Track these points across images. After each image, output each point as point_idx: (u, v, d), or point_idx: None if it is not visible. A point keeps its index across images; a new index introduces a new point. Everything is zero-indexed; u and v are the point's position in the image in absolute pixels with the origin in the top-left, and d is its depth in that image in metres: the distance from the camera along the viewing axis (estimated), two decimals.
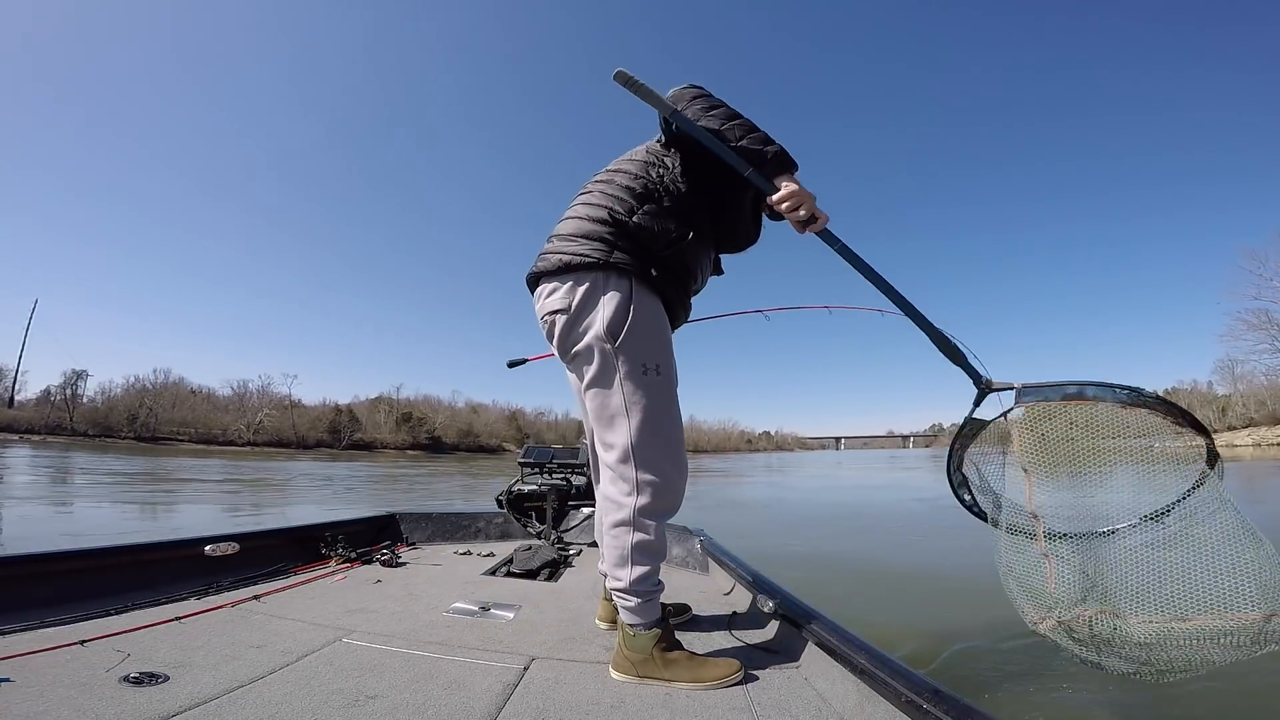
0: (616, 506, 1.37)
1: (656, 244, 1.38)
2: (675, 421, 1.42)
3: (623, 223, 1.37)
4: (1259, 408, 53.35)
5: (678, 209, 1.41)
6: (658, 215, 1.39)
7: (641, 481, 1.35)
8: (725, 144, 1.34)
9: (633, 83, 1.35)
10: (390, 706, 1.14)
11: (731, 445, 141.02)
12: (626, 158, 1.51)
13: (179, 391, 71.93)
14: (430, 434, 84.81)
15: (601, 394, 1.37)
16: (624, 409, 1.34)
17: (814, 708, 1.18)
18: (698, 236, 1.43)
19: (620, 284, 1.36)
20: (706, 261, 1.56)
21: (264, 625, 1.63)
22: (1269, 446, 37.89)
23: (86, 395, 66.88)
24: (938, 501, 9.30)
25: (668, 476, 1.37)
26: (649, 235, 1.37)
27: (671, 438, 1.40)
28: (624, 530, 1.35)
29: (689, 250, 1.43)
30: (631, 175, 1.43)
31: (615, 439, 1.36)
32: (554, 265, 1.38)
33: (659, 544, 1.38)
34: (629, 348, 1.34)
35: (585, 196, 1.47)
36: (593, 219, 1.40)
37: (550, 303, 1.40)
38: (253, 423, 71.40)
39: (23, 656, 1.30)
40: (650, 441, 1.35)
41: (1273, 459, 22.83)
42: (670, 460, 1.38)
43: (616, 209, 1.38)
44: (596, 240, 1.37)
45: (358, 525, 2.88)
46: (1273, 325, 49.70)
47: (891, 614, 3.14)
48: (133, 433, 61.43)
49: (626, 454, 1.35)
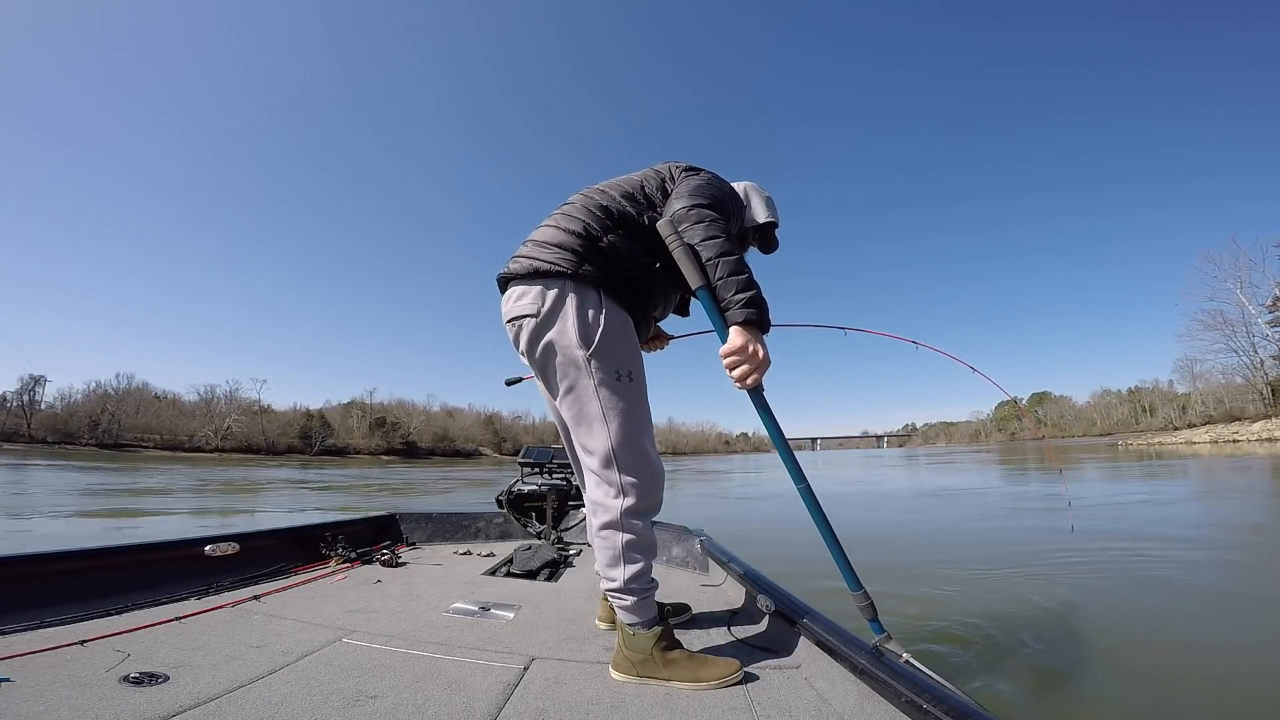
0: (603, 509, 1.39)
1: (625, 264, 1.42)
2: (649, 427, 1.45)
3: (595, 238, 1.41)
4: (1217, 405, 55.06)
5: (650, 242, 1.45)
6: (630, 240, 1.43)
7: (626, 484, 1.37)
8: (704, 274, 1.31)
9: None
10: (390, 706, 1.14)
11: (709, 447, 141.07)
12: (619, 182, 1.54)
13: (143, 397, 71.46)
14: (405, 438, 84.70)
15: (578, 401, 1.38)
16: (602, 415, 1.37)
17: (814, 708, 1.18)
18: (665, 268, 1.47)
19: (588, 294, 1.38)
20: (672, 296, 1.60)
21: (264, 625, 1.63)
22: (1225, 443, 38.48)
23: (45, 401, 66.57)
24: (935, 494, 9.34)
25: (649, 477, 1.40)
26: (619, 255, 1.41)
27: (647, 442, 1.43)
28: (613, 531, 1.38)
29: (655, 277, 1.47)
30: (615, 199, 1.47)
31: (595, 444, 1.38)
32: (525, 269, 1.40)
33: (648, 540, 1.41)
34: (602, 354, 1.36)
35: (566, 208, 1.49)
36: (569, 230, 1.42)
37: (519, 306, 1.41)
38: (220, 428, 71.29)
39: (23, 656, 1.30)
40: (630, 445, 1.38)
41: (1229, 455, 23.06)
42: (649, 462, 1.41)
43: (592, 225, 1.42)
44: (568, 251, 1.39)
45: (358, 525, 2.88)
46: (1227, 325, 51.58)
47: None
48: (94, 439, 61.34)
49: (609, 458, 1.37)
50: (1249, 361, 50.93)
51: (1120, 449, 38.17)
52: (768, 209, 1.70)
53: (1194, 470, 14.82)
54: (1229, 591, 3.44)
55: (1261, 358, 50.04)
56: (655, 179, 1.54)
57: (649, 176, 1.55)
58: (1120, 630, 2.76)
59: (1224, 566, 4.17)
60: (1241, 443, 37.74)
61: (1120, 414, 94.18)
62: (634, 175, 1.57)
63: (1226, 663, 2.32)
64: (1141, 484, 11.30)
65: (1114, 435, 79.99)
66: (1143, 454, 28.15)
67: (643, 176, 1.55)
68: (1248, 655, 2.41)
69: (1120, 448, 41.38)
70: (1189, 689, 2.10)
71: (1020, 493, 10.56)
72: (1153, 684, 2.13)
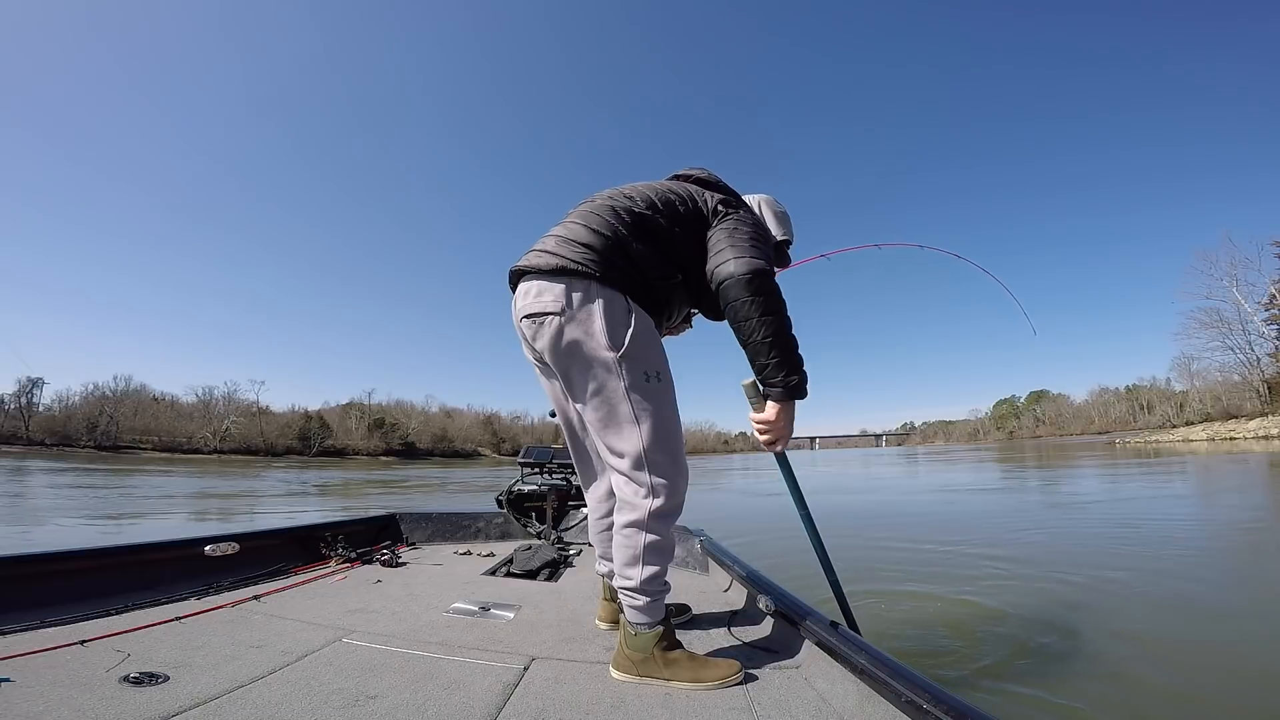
0: (630, 508, 1.38)
1: (650, 274, 1.42)
2: (678, 427, 1.44)
3: (624, 244, 1.39)
4: (1214, 403, 55.48)
5: (675, 256, 1.45)
6: (656, 251, 1.43)
7: (656, 485, 1.37)
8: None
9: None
10: (390, 706, 1.14)
11: (708, 447, 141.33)
12: (645, 190, 1.50)
13: (141, 399, 71.41)
14: (403, 439, 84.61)
15: (607, 403, 1.37)
16: (633, 417, 1.35)
17: (814, 708, 1.18)
18: (685, 283, 1.48)
19: (615, 297, 1.36)
20: (686, 309, 1.61)
21: (264, 625, 1.63)
22: (1222, 440, 38.76)
23: (43, 404, 66.53)
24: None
25: (676, 479, 1.40)
26: (646, 264, 1.41)
27: (677, 442, 1.42)
28: (636, 531, 1.37)
29: (675, 290, 1.49)
30: (645, 208, 1.45)
31: (626, 446, 1.37)
32: (549, 265, 1.36)
33: (669, 544, 1.41)
34: (632, 357, 1.35)
35: (594, 208, 1.46)
36: (598, 231, 1.39)
37: (539, 303, 1.37)
38: (219, 430, 71.20)
39: (23, 656, 1.30)
40: (661, 446, 1.37)
41: (1225, 452, 23.28)
42: (678, 464, 1.41)
43: (621, 230, 1.40)
44: (595, 252, 1.36)
45: (358, 525, 2.87)
46: (1223, 324, 51.76)
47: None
48: (92, 441, 61.36)
49: (640, 460, 1.36)
50: (1245, 359, 51.16)
51: (1118, 446, 38.27)
52: (782, 226, 1.68)
53: (1196, 467, 14.84)
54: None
55: (1258, 355, 50.24)
56: (688, 198, 1.50)
57: (679, 192, 1.51)
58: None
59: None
60: (1238, 440, 37.91)
61: (1118, 412, 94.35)
62: (659, 185, 1.54)
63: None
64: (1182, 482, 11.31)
65: (1112, 433, 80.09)
66: (1140, 451, 28.21)
67: (670, 189, 1.52)
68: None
69: (1118, 445, 41.46)
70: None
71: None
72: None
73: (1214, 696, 2.04)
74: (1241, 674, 2.22)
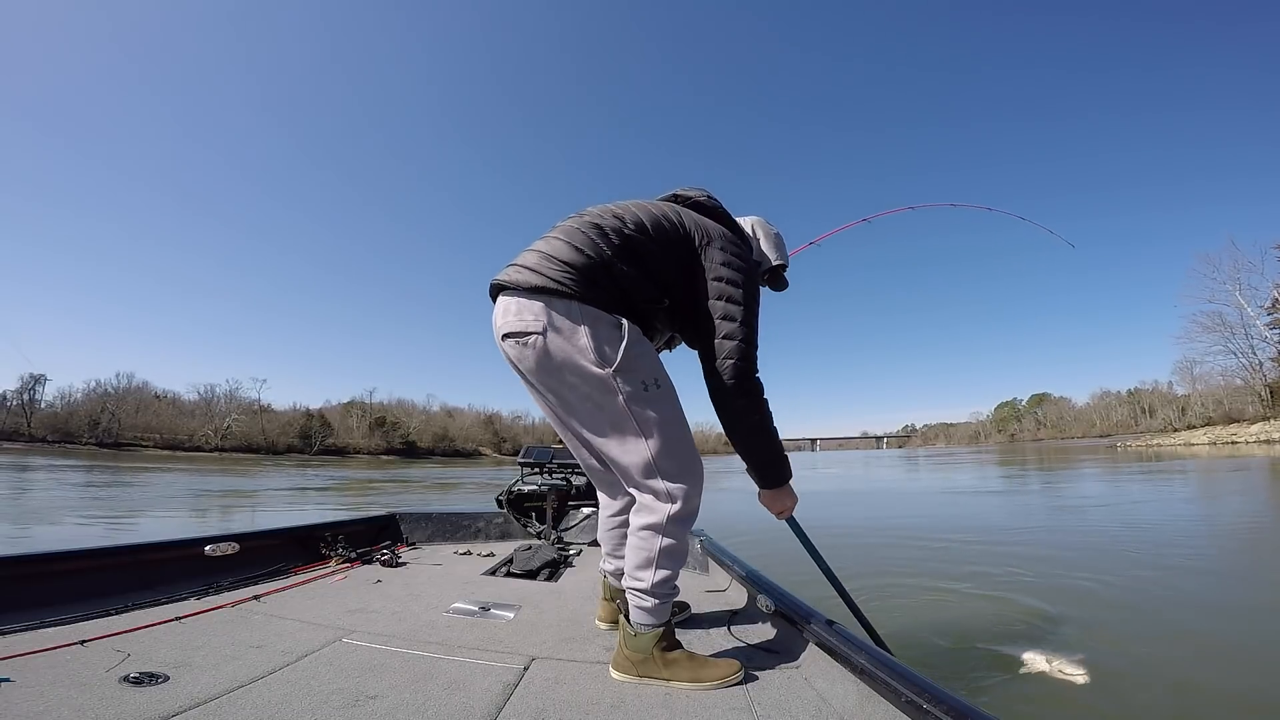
0: (649, 511, 1.38)
1: (635, 297, 1.39)
2: (686, 429, 1.42)
3: (609, 264, 1.36)
4: (1216, 406, 55.18)
5: (661, 280, 1.43)
6: (643, 274, 1.40)
7: (674, 490, 1.36)
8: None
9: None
10: (390, 706, 1.14)
11: (709, 447, 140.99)
12: (634, 210, 1.46)
13: (143, 396, 71.62)
14: (404, 438, 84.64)
15: (608, 420, 1.36)
16: (637, 429, 1.34)
17: (814, 708, 1.18)
18: (669, 309, 1.47)
19: (600, 314, 1.33)
20: (666, 333, 1.59)
21: (264, 625, 1.63)
22: (1223, 444, 38.80)
23: (45, 401, 66.64)
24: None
25: (691, 484, 1.39)
26: (631, 286, 1.38)
27: (688, 445, 1.40)
28: (653, 534, 1.36)
29: (659, 316, 1.48)
30: (632, 229, 1.41)
31: (635, 459, 1.36)
32: (529, 283, 1.33)
33: (683, 549, 1.40)
34: (626, 369, 1.32)
35: (578, 224, 1.42)
36: (580, 249, 1.35)
37: (521, 322, 1.34)
38: (220, 428, 71.26)
39: (23, 656, 1.30)
40: (669, 452, 1.36)
41: (1227, 456, 23.29)
42: (692, 467, 1.40)
43: (606, 250, 1.36)
44: (578, 271, 1.33)
45: (358, 525, 2.87)
46: (1226, 327, 51.73)
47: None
48: (94, 438, 61.44)
49: (651, 469, 1.36)
50: (1247, 363, 51.06)
51: (1119, 450, 38.17)
52: (777, 251, 1.66)
53: (1197, 470, 14.80)
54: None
55: (1260, 360, 50.15)
56: (678, 223, 1.47)
57: (673, 217, 1.48)
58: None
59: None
60: (1240, 444, 37.82)
61: (1120, 415, 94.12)
62: (653, 206, 1.50)
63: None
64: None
65: (1113, 436, 79.89)
66: (1142, 455, 28.14)
67: (664, 213, 1.48)
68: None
69: (1119, 449, 41.35)
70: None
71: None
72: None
73: (1214, 697, 2.03)
74: (1241, 674, 2.22)
